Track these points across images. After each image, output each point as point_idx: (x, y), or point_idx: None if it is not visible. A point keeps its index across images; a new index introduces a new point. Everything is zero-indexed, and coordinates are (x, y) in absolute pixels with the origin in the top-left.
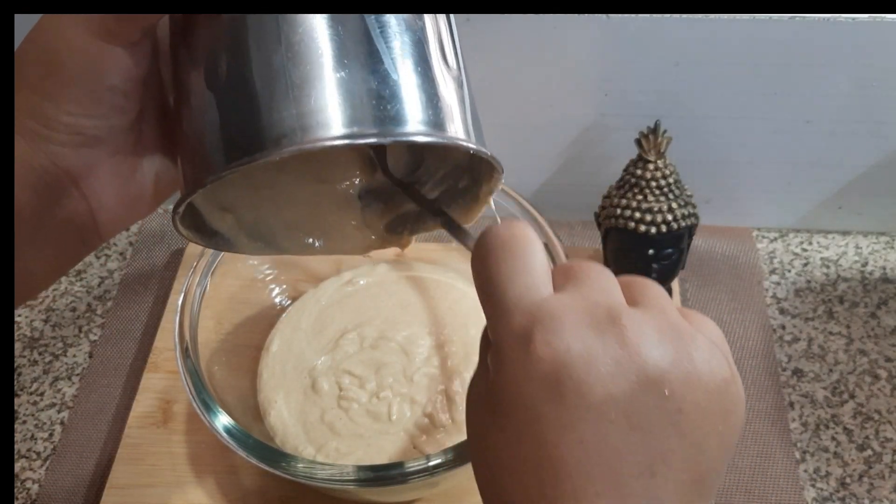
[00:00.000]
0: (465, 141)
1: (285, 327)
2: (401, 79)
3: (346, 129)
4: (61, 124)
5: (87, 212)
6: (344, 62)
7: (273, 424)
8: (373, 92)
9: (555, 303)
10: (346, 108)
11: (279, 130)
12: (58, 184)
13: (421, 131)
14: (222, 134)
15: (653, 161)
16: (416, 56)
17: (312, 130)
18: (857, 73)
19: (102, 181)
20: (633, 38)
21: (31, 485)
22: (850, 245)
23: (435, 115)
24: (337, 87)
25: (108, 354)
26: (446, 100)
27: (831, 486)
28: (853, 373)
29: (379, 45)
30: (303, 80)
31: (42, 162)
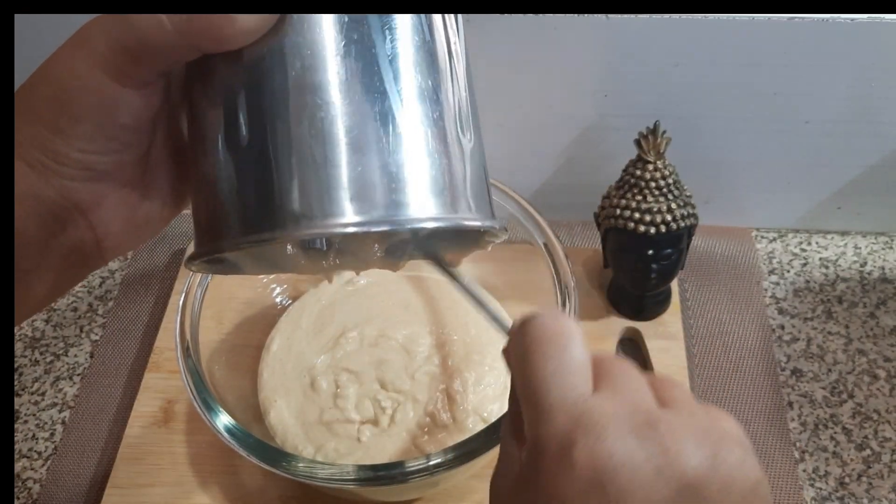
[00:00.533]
0: (473, 219)
1: (286, 327)
2: (414, 162)
3: (361, 216)
4: (71, 160)
5: (93, 240)
6: (361, 144)
7: (273, 424)
8: (387, 176)
9: (597, 407)
10: (361, 193)
11: (297, 210)
12: (65, 215)
13: (431, 217)
14: (240, 203)
15: (652, 161)
16: (433, 137)
17: (329, 216)
18: (855, 74)
19: (110, 212)
20: (632, 39)
21: (33, 484)
22: (849, 245)
23: (446, 196)
24: (353, 170)
25: (110, 354)
26: (457, 177)
27: (830, 485)
28: (852, 373)
29: (399, 128)
30: (324, 160)
31: (50, 194)
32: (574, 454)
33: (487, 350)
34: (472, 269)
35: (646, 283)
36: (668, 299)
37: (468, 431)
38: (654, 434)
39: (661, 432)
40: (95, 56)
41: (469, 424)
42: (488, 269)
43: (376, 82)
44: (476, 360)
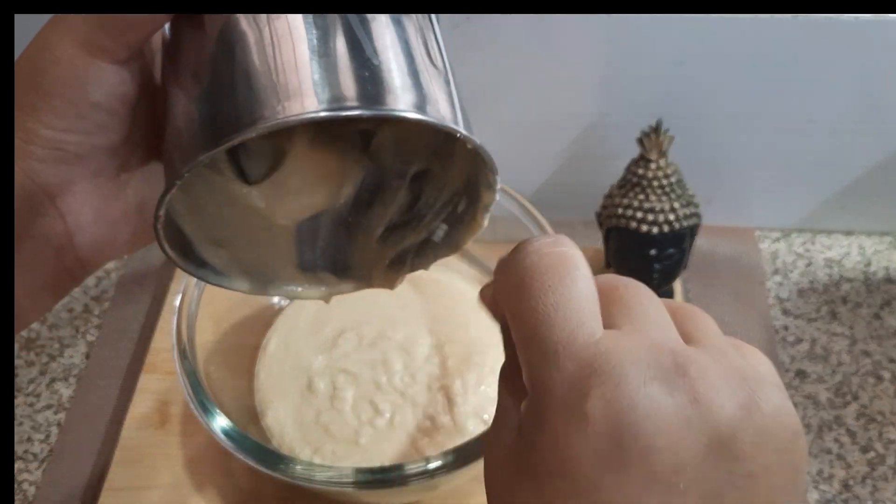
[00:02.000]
0: (454, 123)
1: (283, 327)
2: (384, 65)
3: (327, 104)
4: (40, 138)
5: (65, 232)
6: (327, 51)
7: (270, 426)
8: (356, 74)
9: (612, 348)
10: (329, 88)
11: (259, 112)
12: (33, 200)
13: (408, 109)
14: (202, 126)
15: (654, 160)
16: (399, 48)
17: (291, 108)
18: (860, 73)
19: (80, 200)
20: (635, 38)
21: (28, 486)
22: (854, 245)
23: (421, 99)
24: (320, 69)
25: (105, 355)
26: (433, 89)
27: (834, 488)
28: (856, 374)
29: (361, 37)
30: (284, 65)
31: (19, 177)
32: (587, 406)
33: (488, 351)
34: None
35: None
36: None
37: (468, 434)
38: (683, 380)
39: (691, 377)
40: (69, 30)
41: (469, 427)
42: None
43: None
44: (476, 361)
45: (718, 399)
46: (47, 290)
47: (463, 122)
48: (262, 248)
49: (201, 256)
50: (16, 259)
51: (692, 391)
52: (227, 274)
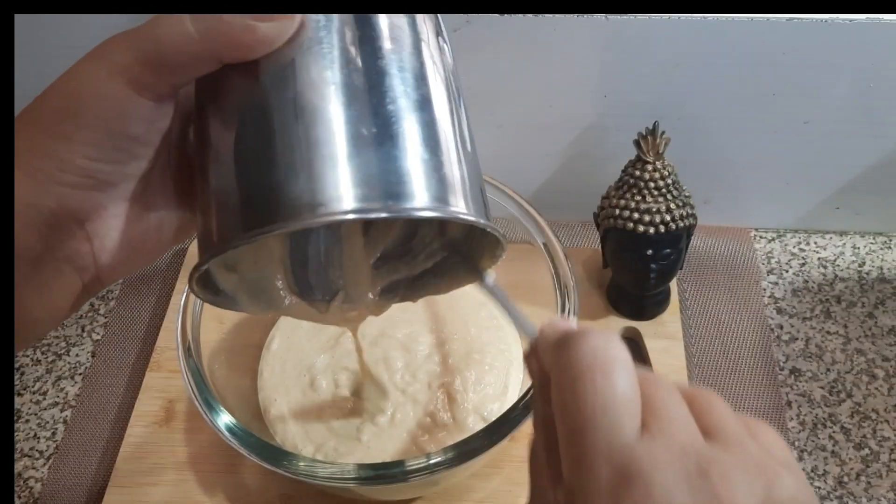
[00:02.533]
0: (470, 215)
1: (286, 325)
2: (412, 159)
3: (358, 203)
4: (75, 166)
5: (89, 253)
6: (364, 141)
7: (273, 423)
8: (386, 171)
9: (644, 456)
10: (361, 185)
11: (299, 202)
12: (62, 224)
13: (427, 206)
14: (242, 202)
15: (651, 162)
16: (430, 137)
17: (328, 205)
18: (855, 74)
19: (108, 224)
20: (632, 40)
21: (34, 483)
22: (848, 245)
23: (442, 192)
24: (355, 165)
25: (111, 354)
26: (454, 177)
27: (829, 484)
28: (850, 372)
29: (398, 127)
30: (326, 157)
31: (48, 203)
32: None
33: (487, 349)
34: None
35: (645, 283)
36: (667, 299)
37: (468, 431)
38: (706, 483)
39: (712, 480)
40: (115, 66)
41: (469, 424)
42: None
43: (380, 88)
44: (476, 359)
45: (739, 495)
46: (62, 307)
47: (476, 205)
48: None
49: (216, 284)
50: (37, 277)
51: (714, 492)
52: (238, 298)
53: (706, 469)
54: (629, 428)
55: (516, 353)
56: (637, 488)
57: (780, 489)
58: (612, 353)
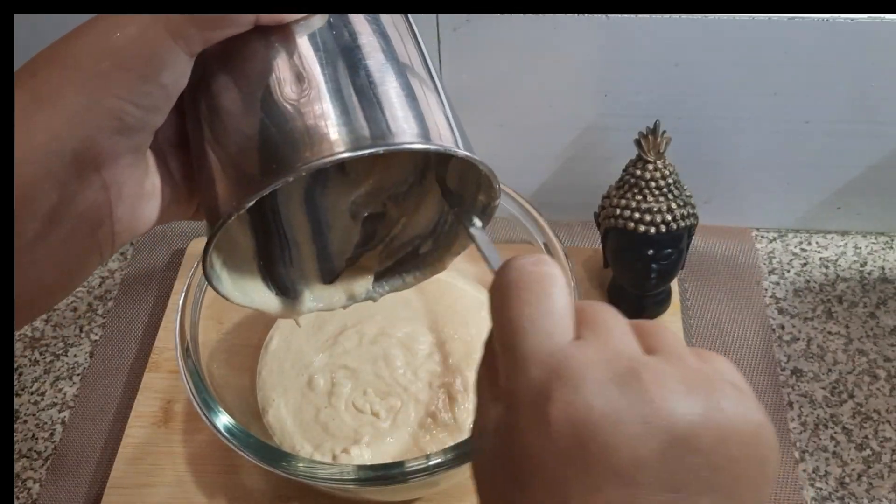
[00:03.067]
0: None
1: (284, 325)
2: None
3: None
4: (104, 107)
5: (106, 202)
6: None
7: (271, 423)
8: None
9: (574, 355)
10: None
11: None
12: (82, 171)
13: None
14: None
15: (652, 161)
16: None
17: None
18: (855, 74)
19: (124, 173)
20: (632, 39)
21: (33, 484)
22: (849, 245)
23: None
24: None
25: (109, 354)
26: (433, 111)
27: (830, 485)
28: (852, 372)
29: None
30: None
31: (73, 144)
32: (549, 409)
33: None
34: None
35: (646, 282)
36: (668, 299)
37: (468, 432)
38: (638, 382)
39: (644, 380)
40: (159, 14)
41: (470, 424)
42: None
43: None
44: (476, 359)
45: (673, 398)
46: (73, 268)
47: (461, 139)
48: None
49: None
50: (51, 235)
51: (646, 392)
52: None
53: (638, 371)
54: (559, 335)
55: None
56: (567, 385)
57: (722, 398)
58: (540, 268)
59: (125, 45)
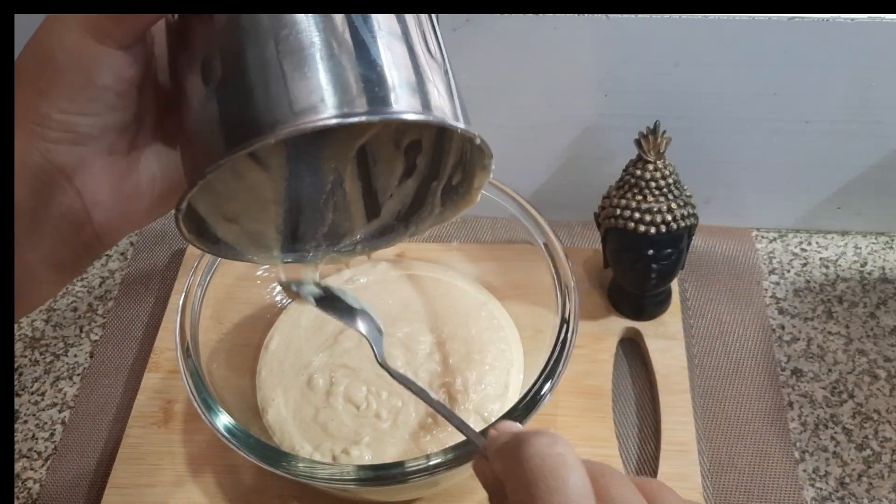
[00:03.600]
0: (453, 120)
1: (285, 325)
2: (387, 65)
3: (337, 110)
4: (53, 121)
5: (82, 209)
6: (333, 52)
7: (271, 422)
8: (361, 77)
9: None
10: (337, 92)
11: (274, 116)
12: (52, 180)
13: (410, 110)
14: (220, 125)
15: (652, 161)
16: (401, 45)
17: (305, 114)
18: (855, 74)
19: (96, 178)
20: (632, 39)
21: (33, 484)
22: (849, 245)
23: (423, 98)
24: (327, 73)
25: (109, 354)
26: (433, 84)
27: (830, 485)
28: (852, 373)
29: (365, 37)
30: (294, 69)
31: (36, 159)
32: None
33: (488, 349)
34: (472, 269)
35: (646, 283)
36: (668, 299)
37: None
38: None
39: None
40: (75, 17)
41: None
42: (489, 269)
43: None
44: (476, 359)
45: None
46: (65, 266)
47: (462, 114)
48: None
49: (215, 233)
50: (35, 236)
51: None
52: (239, 247)
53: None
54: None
55: (516, 354)
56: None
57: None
58: (558, 451)
59: (55, 56)
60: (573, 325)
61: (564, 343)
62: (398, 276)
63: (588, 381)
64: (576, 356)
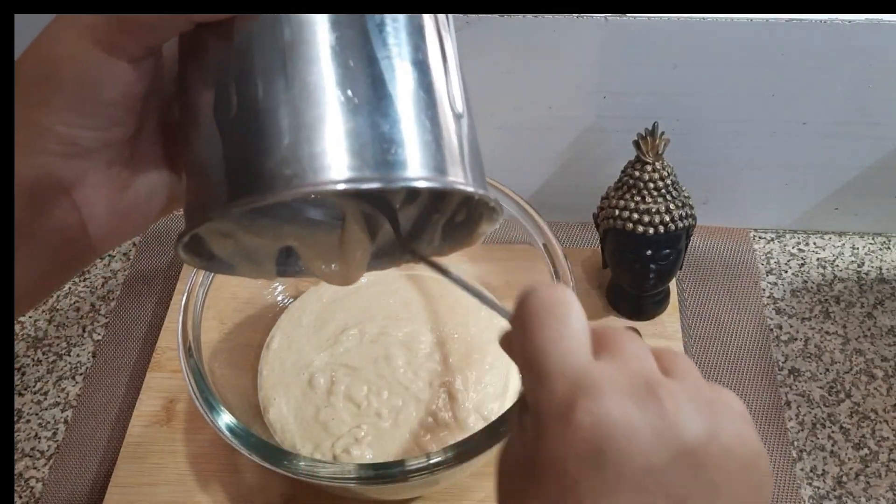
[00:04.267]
0: (467, 185)
1: (286, 324)
2: (406, 124)
3: (351, 173)
4: (54, 134)
5: (79, 222)
6: (353, 105)
7: (272, 421)
8: (379, 136)
9: (596, 371)
10: (353, 152)
11: (288, 171)
12: (48, 193)
13: (423, 176)
14: (231, 170)
15: (651, 162)
16: (424, 101)
17: (319, 173)
18: (853, 75)
19: (95, 192)
20: (631, 41)
21: (35, 483)
22: (847, 245)
23: (439, 160)
24: (344, 130)
25: (112, 354)
26: (450, 144)
27: (828, 484)
28: (849, 372)
29: (390, 89)
30: (312, 121)
31: (33, 171)
32: (573, 416)
33: (488, 349)
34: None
35: (644, 283)
36: (666, 299)
37: (469, 430)
38: (653, 398)
39: (660, 397)
40: (84, 26)
41: (470, 423)
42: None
43: (366, 48)
44: (476, 358)
45: (684, 416)
46: (56, 275)
47: (476, 172)
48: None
49: (210, 250)
50: (27, 248)
51: (661, 408)
52: (234, 262)
53: (655, 390)
54: (580, 353)
55: None
56: (588, 395)
57: (727, 423)
58: (556, 294)
59: (59, 67)
60: None
61: None
62: (399, 276)
63: None
64: None
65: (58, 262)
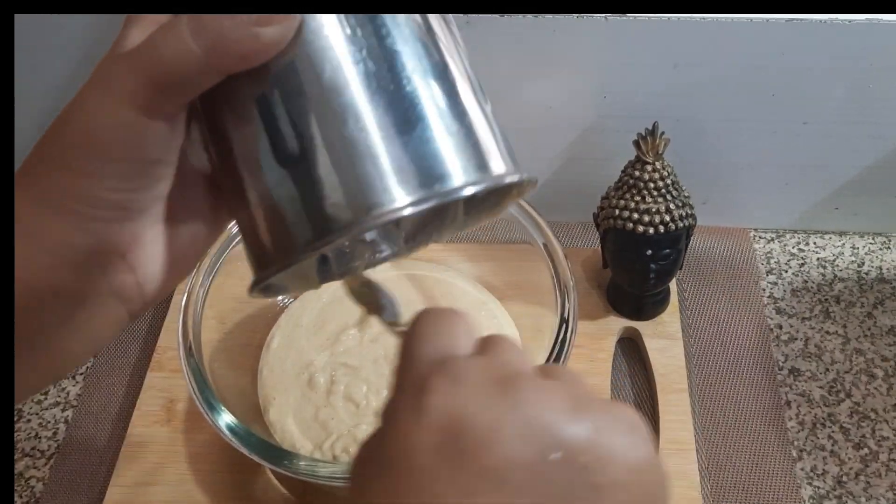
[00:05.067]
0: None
1: (286, 324)
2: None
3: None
4: (105, 202)
5: (134, 284)
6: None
7: (272, 421)
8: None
9: (459, 357)
10: (406, 177)
11: (370, 200)
12: (104, 260)
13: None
14: (307, 207)
15: (651, 162)
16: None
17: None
18: (853, 75)
19: (148, 251)
20: (631, 41)
21: (36, 483)
22: (847, 245)
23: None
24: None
25: (112, 353)
26: (497, 137)
27: (828, 484)
28: (850, 372)
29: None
30: (360, 158)
31: (87, 240)
32: (426, 399)
33: None
34: (472, 269)
35: (644, 283)
36: (666, 299)
37: None
38: (520, 389)
39: (528, 388)
40: (122, 94)
41: None
42: (488, 269)
43: (399, 70)
44: None
45: (556, 412)
46: (111, 332)
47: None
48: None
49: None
50: (78, 315)
51: (528, 400)
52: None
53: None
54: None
55: None
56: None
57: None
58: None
59: (103, 137)
60: (572, 325)
61: (563, 343)
62: (399, 276)
63: (587, 380)
64: (575, 355)
65: (115, 322)
